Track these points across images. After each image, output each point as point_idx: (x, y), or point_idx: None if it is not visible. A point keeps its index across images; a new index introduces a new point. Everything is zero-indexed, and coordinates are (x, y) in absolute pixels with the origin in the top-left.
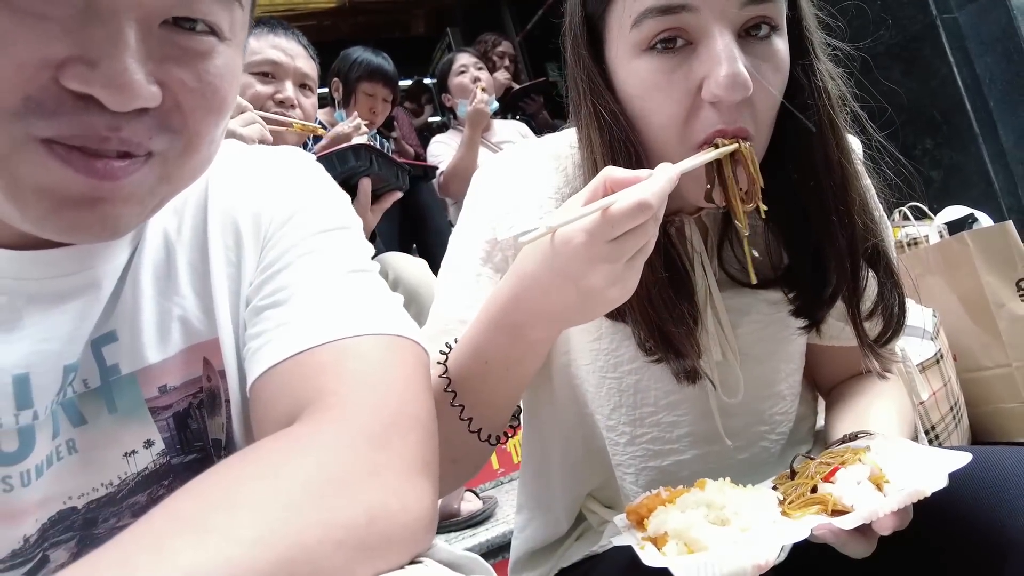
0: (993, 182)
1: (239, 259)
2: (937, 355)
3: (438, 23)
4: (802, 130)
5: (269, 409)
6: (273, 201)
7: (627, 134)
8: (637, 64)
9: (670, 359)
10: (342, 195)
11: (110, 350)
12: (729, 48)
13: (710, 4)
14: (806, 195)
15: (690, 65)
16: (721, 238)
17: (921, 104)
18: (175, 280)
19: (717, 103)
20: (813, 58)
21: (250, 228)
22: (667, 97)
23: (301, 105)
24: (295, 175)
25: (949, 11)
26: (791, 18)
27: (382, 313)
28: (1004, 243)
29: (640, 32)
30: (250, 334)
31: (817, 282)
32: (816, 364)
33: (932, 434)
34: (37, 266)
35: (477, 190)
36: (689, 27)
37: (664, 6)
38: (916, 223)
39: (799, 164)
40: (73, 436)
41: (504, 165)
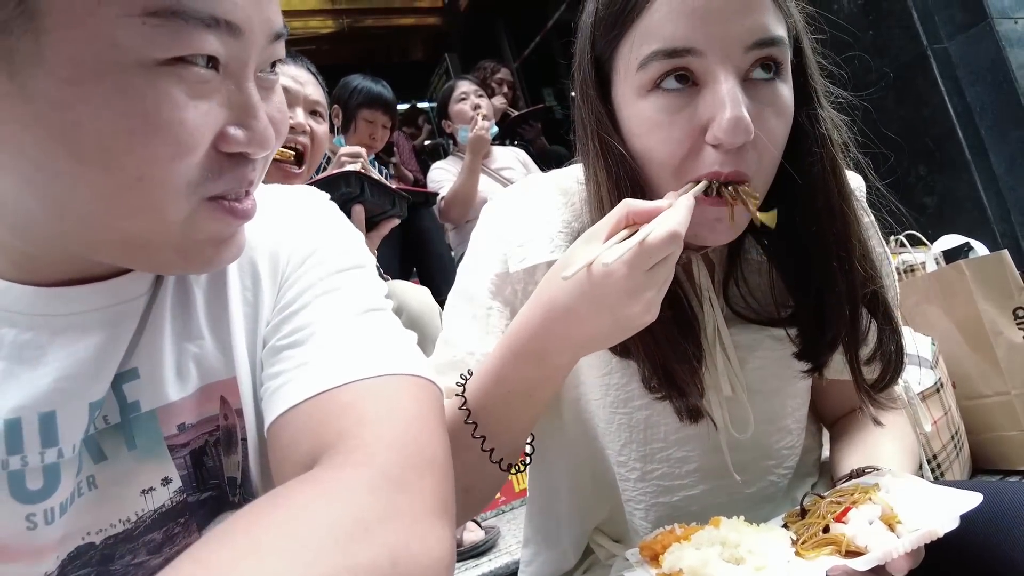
0: (986, 208)
1: (256, 299)
2: (937, 384)
3: (436, 49)
4: (805, 175)
5: (289, 450)
6: (290, 241)
7: (632, 173)
8: (642, 104)
9: (673, 397)
10: (357, 234)
11: (131, 387)
12: (733, 92)
13: (715, 48)
14: (808, 240)
15: (695, 106)
16: (727, 275)
17: (914, 132)
18: (193, 319)
19: (719, 145)
20: (817, 106)
21: (268, 268)
22: (669, 136)
23: (313, 131)
24: (311, 215)
25: (939, 41)
26: (796, 65)
27: (398, 353)
28: (1000, 272)
29: (646, 73)
30: (268, 374)
31: (819, 325)
32: (821, 397)
33: (934, 463)
34: (62, 302)
35: (486, 224)
36: (694, 70)
37: (670, 50)
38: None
39: (802, 209)
40: (93, 472)
41: (513, 199)
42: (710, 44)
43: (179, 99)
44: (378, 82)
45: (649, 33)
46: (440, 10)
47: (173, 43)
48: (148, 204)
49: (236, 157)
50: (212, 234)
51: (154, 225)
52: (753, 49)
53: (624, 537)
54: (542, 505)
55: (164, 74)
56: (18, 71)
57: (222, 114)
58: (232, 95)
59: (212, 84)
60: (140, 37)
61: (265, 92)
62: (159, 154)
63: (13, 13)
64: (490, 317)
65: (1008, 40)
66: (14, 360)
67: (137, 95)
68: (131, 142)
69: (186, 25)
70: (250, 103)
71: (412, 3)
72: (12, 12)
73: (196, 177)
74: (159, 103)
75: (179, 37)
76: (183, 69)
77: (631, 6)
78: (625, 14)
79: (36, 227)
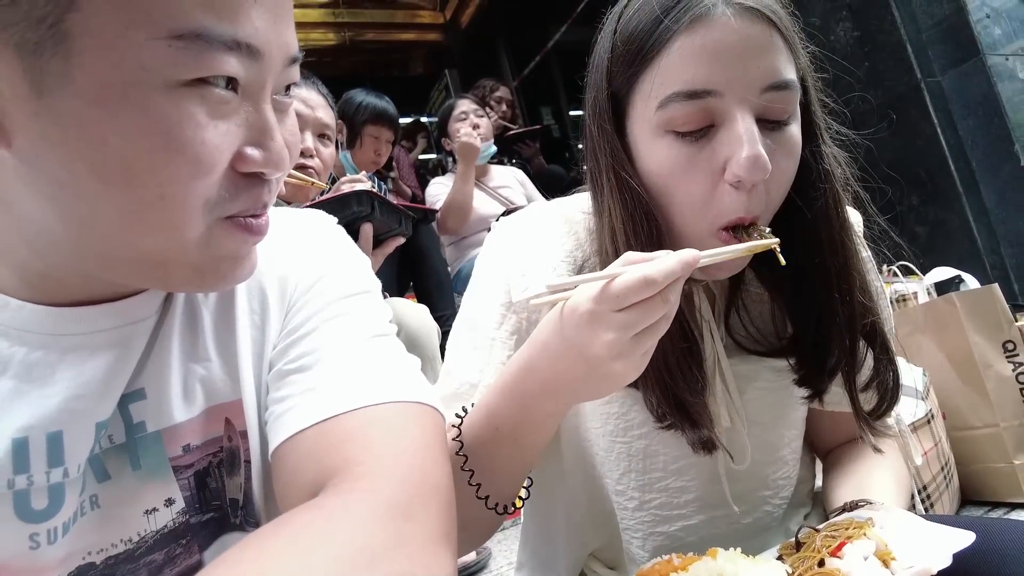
0: (976, 240)
1: (264, 322)
2: (928, 415)
3: (436, 64)
4: (809, 209)
5: (295, 476)
6: (299, 266)
7: (648, 208)
8: (660, 143)
9: (685, 428)
10: (363, 259)
11: (137, 407)
12: (751, 131)
13: (733, 89)
14: (811, 271)
15: (712, 148)
16: (728, 305)
17: (907, 162)
18: (201, 340)
19: (738, 184)
20: (821, 143)
21: (276, 292)
22: (690, 179)
23: (319, 154)
24: (319, 240)
25: (933, 75)
26: (802, 103)
27: (404, 379)
28: (991, 305)
29: (665, 113)
30: (274, 398)
31: (819, 355)
32: (816, 428)
33: (924, 494)
34: (73, 322)
35: (490, 252)
36: (713, 111)
37: (690, 91)
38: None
39: (805, 241)
40: (96, 492)
41: (517, 227)
42: (729, 85)
43: (200, 119)
44: (382, 97)
45: (669, 73)
46: (441, 26)
47: (196, 65)
48: (168, 222)
49: (252, 177)
50: (228, 252)
51: (172, 243)
52: (768, 91)
53: (620, 565)
54: (537, 530)
55: (187, 95)
56: (47, 91)
57: (240, 134)
58: (250, 116)
59: (231, 105)
60: (165, 59)
61: (280, 115)
62: (180, 173)
63: (45, 35)
64: (492, 348)
65: (999, 75)
66: (23, 379)
67: (161, 115)
68: (154, 161)
69: (209, 47)
70: (267, 124)
71: (414, 19)
72: (44, 34)
73: (214, 196)
74: (182, 123)
75: (202, 59)
76: (204, 90)
77: (650, 44)
78: (644, 52)
79: (55, 245)
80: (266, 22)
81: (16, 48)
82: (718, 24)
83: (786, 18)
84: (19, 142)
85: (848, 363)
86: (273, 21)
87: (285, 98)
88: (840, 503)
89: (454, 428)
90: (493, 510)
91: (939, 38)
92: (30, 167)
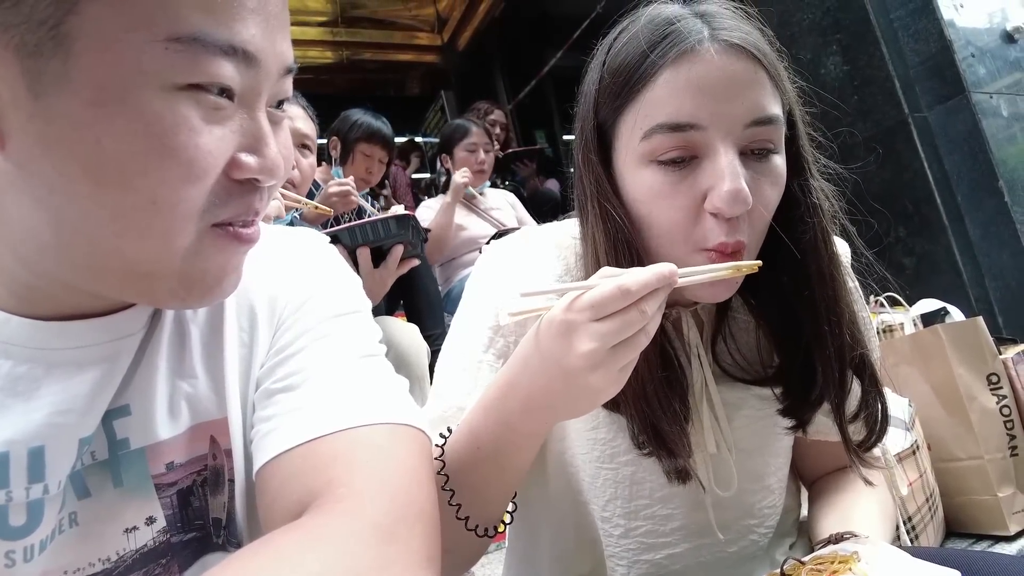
0: (962, 273)
1: (252, 340)
2: (914, 446)
3: (433, 85)
4: (797, 242)
5: (279, 495)
6: (288, 285)
7: (630, 236)
8: (644, 173)
9: (662, 456)
10: (354, 278)
11: (121, 424)
12: (733, 165)
13: (717, 123)
14: (799, 304)
15: (695, 177)
16: (715, 332)
17: (895, 195)
18: (188, 357)
19: (718, 214)
20: (809, 176)
21: (265, 310)
22: (671, 206)
23: (299, 164)
24: (310, 259)
25: (919, 110)
26: (789, 137)
27: (391, 401)
28: (975, 338)
29: (649, 144)
30: (260, 416)
31: (805, 384)
32: (801, 456)
33: (909, 525)
34: (60, 336)
35: (480, 275)
36: (696, 144)
37: (673, 124)
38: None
39: (794, 274)
40: (76, 508)
41: (508, 251)
42: (712, 120)
43: (195, 123)
44: (378, 118)
45: (654, 106)
46: (439, 48)
47: (193, 69)
48: (159, 228)
49: (245, 185)
50: (216, 262)
51: (161, 251)
52: (751, 126)
53: None
54: (522, 555)
55: (182, 99)
56: (44, 92)
57: (235, 141)
58: (245, 123)
59: (226, 111)
60: (162, 62)
61: (274, 127)
62: (173, 176)
63: (45, 37)
64: (480, 370)
65: (984, 112)
66: (8, 393)
67: (156, 118)
68: (147, 164)
69: (205, 51)
70: (261, 132)
71: (412, 40)
72: (44, 36)
73: (206, 202)
74: (176, 126)
75: (198, 63)
76: (200, 95)
77: (637, 77)
78: (631, 85)
79: (42, 254)
80: (263, 30)
81: (16, 50)
82: (703, 60)
83: (771, 54)
84: (13, 144)
85: (838, 395)
86: (270, 30)
87: (278, 111)
88: (825, 534)
89: (437, 448)
90: (473, 532)
91: (926, 75)
92: (23, 170)
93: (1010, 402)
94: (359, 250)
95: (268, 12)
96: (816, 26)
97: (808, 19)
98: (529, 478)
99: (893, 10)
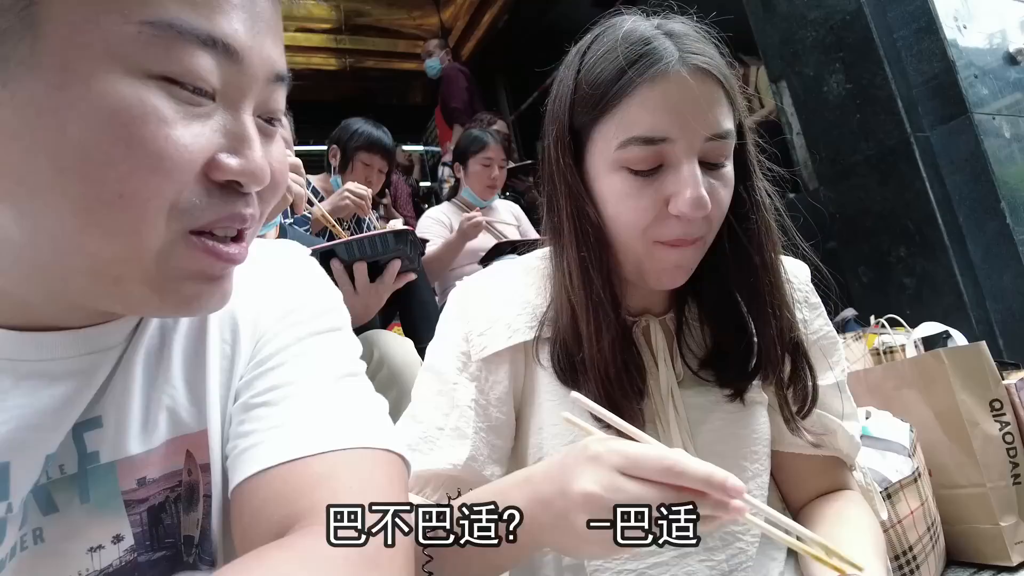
0: (962, 293)
1: (234, 352)
2: (915, 473)
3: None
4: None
5: (259, 515)
6: (272, 297)
7: (599, 231)
8: (614, 177)
9: None
10: (336, 293)
11: (92, 436)
12: (695, 175)
13: (683, 137)
14: (746, 291)
15: (661, 183)
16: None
17: (896, 213)
18: (167, 369)
19: (680, 217)
20: (754, 178)
21: (248, 322)
22: (637, 207)
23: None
24: (294, 272)
25: (922, 130)
26: (737, 146)
27: (371, 424)
28: (978, 363)
29: (624, 153)
30: (238, 431)
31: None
32: (784, 481)
33: (910, 554)
34: (32, 347)
35: (452, 308)
36: (664, 154)
37: (649, 138)
38: (891, 331)
39: (741, 264)
40: (41, 525)
41: (477, 285)
42: (680, 133)
43: (166, 115)
44: (379, 127)
45: (630, 119)
46: None
47: (166, 56)
48: (126, 224)
49: (227, 189)
50: (190, 272)
51: (129, 250)
52: (710, 140)
53: None
54: None
55: (153, 88)
56: (11, 77)
57: (216, 141)
58: (228, 123)
59: (205, 109)
60: (134, 46)
61: (265, 139)
62: (141, 168)
63: (14, 20)
64: (456, 391)
65: (986, 133)
66: None
67: (124, 106)
68: (112, 153)
69: (181, 40)
70: (246, 133)
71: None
72: (14, 20)
73: (181, 202)
74: (145, 115)
75: (172, 52)
76: (173, 88)
77: (614, 91)
78: (608, 97)
79: (12, 253)
80: (246, 27)
81: None
82: (675, 80)
83: (730, 76)
84: None
85: (776, 369)
86: (256, 30)
87: (269, 126)
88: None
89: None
90: None
91: (928, 95)
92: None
93: (1013, 429)
94: (356, 264)
95: (255, 12)
96: (819, 44)
97: (811, 37)
98: None
99: (897, 29)
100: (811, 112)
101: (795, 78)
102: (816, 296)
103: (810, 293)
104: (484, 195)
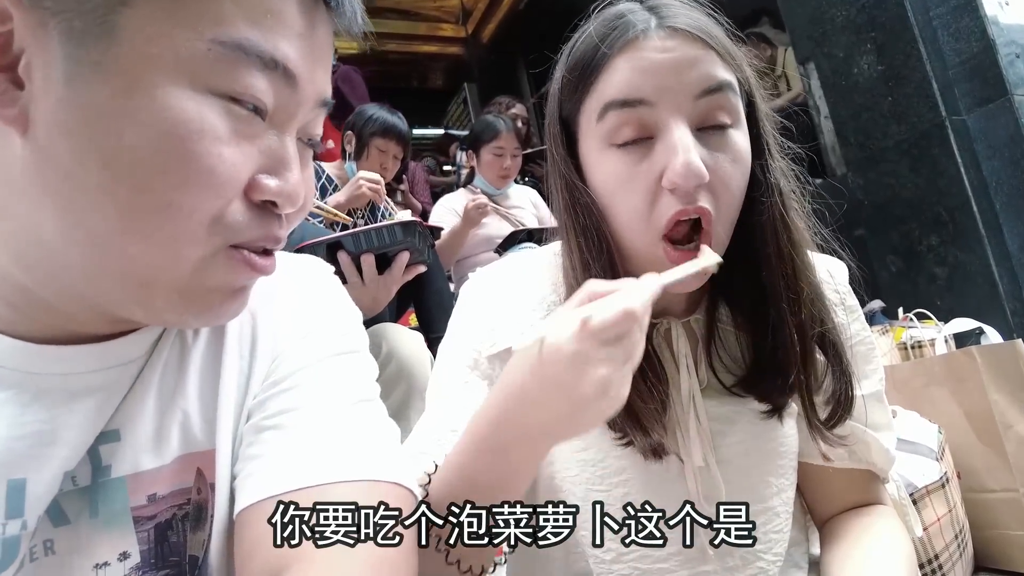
0: (997, 284)
1: (250, 370)
2: (943, 478)
3: (456, 78)
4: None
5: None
6: (291, 316)
7: (598, 223)
8: (604, 157)
9: (636, 436)
10: (356, 314)
11: (108, 449)
12: (684, 139)
13: (665, 99)
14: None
15: (651, 158)
16: (709, 344)
17: (928, 201)
18: (184, 384)
19: (675, 190)
20: (768, 156)
21: (267, 340)
22: (631, 189)
23: None
24: (314, 291)
25: (958, 113)
26: (750, 116)
27: (381, 456)
28: (1014, 362)
29: (604, 125)
30: (247, 453)
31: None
32: (810, 490)
33: (936, 563)
34: (53, 361)
35: (463, 305)
36: (648, 121)
37: (623, 100)
38: (920, 325)
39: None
40: (52, 536)
41: (489, 280)
42: (660, 95)
43: (221, 132)
44: (394, 113)
45: (606, 89)
46: (463, 40)
47: (230, 75)
48: (169, 233)
49: (264, 210)
50: (223, 282)
51: (168, 259)
52: (703, 96)
53: None
54: None
55: (214, 105)
56: (77, 78)
57: (259, 161)
58: (272, 144)
59: (255, 129)
60: (203, 63)
61: (301, 162)
62: (191, 182)
63: (92, 24)
64: (468, 390)
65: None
66: None
67: (183, 119)
68: (166, 163)
69: (246, 60)
70: (287, 156)
71: (436, 32)
72: (92, 23)
73: (224, 218)
74: (203, 131)
75: (236, 70)
76: (232, 107)
77: (591, 69)
78: (586, 76)
79: (42, 250)
80: (305, 55)
81: (61, 35)
82: (650, 44)
83: (721, 37)
84: (35, 130)
85: (803, 372)
86: (312, 58)
87: (307, 148)
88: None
89: (420, 488)
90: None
91: (966, 76)
92: (39, 155)
93: None
94: (363, 256)
95: (314, 41)
96: (850, 23)
97: (841, 16)
98: None
99: (933, 7)
100: (840, 95)
101: (824, 59)
102: (854, 299)
103: (847, 295)
104: (497, 184)
